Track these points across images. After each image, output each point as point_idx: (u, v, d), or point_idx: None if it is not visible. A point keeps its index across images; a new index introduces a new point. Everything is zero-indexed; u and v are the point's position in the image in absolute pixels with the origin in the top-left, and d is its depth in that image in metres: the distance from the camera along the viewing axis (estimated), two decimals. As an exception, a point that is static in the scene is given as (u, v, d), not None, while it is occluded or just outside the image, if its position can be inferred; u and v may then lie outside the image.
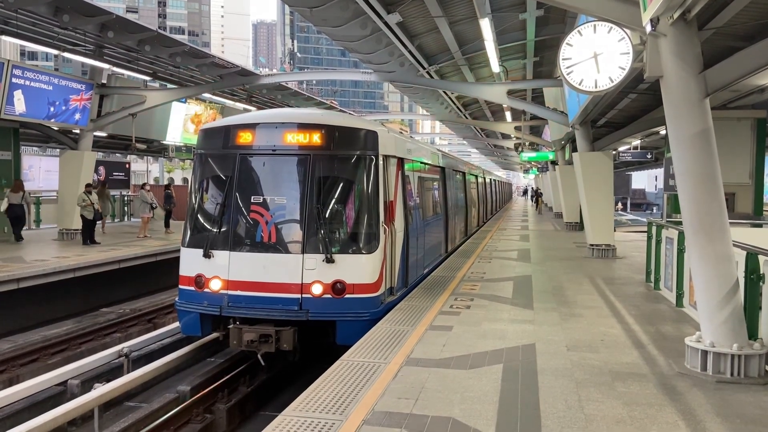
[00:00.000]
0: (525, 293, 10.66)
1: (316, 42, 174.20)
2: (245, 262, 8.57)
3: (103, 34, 15.40)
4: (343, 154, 8.91)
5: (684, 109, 6.18)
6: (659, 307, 9.70)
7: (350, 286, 8.41)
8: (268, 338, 8.20)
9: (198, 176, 9.30)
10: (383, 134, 9.36)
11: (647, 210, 76.53)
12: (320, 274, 8.39)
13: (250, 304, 8.46)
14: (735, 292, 6.20)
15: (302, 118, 9.31)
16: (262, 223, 8.62)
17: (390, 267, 9.27)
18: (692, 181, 6.23)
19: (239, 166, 8.85)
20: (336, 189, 8.91)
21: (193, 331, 8.99)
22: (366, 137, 9.02)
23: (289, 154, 8.86)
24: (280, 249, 8.60)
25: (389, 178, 9.45)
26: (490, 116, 32.40)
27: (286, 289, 8.40)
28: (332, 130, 8.85)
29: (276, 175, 8.94)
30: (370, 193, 8.86)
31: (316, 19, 13.49)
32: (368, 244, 8.73)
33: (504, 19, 14.64)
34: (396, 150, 10.08)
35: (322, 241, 8.47)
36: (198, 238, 8.93)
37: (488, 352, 6.98)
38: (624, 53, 6.56)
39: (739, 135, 13.47)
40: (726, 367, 6.15)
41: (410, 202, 10.98)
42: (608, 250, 16.16)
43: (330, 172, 8.86)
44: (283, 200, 8.74)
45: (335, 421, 4.96)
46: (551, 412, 5.19)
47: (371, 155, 8.92)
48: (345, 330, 8.31)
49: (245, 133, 8.96)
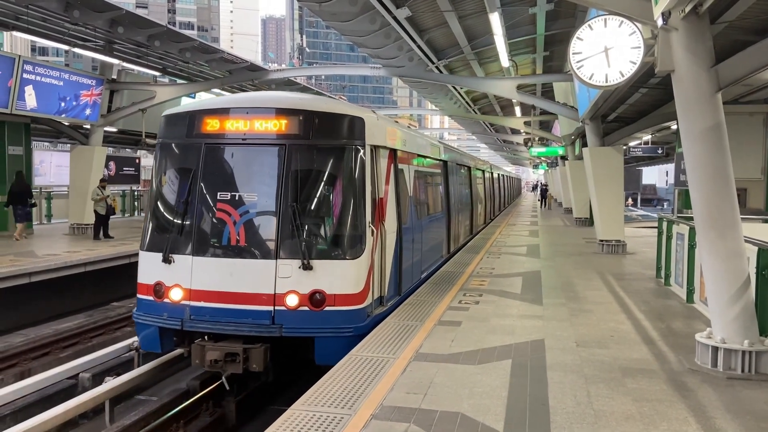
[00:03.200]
0: (534, 289, 10.64)
1: (325, 37, 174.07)
2: (210, 268, 7.49)
3: (113, 29, 15.46)
4: (323, 144, 7.78)
5: (695, 104, 6.13)
6: (669, 303, 9.65)
7: (331, 297, 7.31)
8: (235, 357, 7.15)
9: (159, 169, 8.23)
10: (371, 121, 8.25)
11: (658, 205, 76.03)
12: (296, 283, 7.28)
13: (215, 317, 7.36)
14: (746, 288, 6.16)
15: (277, 102, 8.10)
16: (229, 223, 7.51)
17: (379, 274, 8.29)
18: (704, 177, 6.19)
19: (204, 158, 7.76)
20: (315, 184, 7.77)
21: (152, 346, 7.95)
22: (351, 125, 7.89)
23: (261, 144, 7.76)
24: (249, 254, 7.47)
25: (379, 172, 8.46)
26: (500, 111, 32.29)
27: (257, 300, 7.30)
28: (311, 116, 7.74)
29: (246, 168, 7.79)
30: (355, 189, 7.74)
31: (325, 14, 13.46)
32: (352, 248, 7.62)
33: (514, 13, 14.56)
34: (387, 140, 9.02)
35: (298, 244, 7.38)
36: (157, 241, 7.85)
37: (497, 347, 6.97)
38: (635, 47, 6.52)
39: (752, 130, 13.36)
40: (737, 364, 6.12)
41: (405, 200, 9.93)
42: (618, 246, 16.09)
43: (309, 164, 7.76)
44: (253, 197, 7.60)
45: (344, 415, 4.98)
46: (560, 408, 5.18)
47: (357, 145, 7.82)
48: (324, 348, 7.28)
49: (212, 120, 7.84)
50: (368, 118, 8.14)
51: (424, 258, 11.52)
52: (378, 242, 8.21)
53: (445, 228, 14.51)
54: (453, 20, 14.46)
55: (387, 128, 9.19)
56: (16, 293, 12.63)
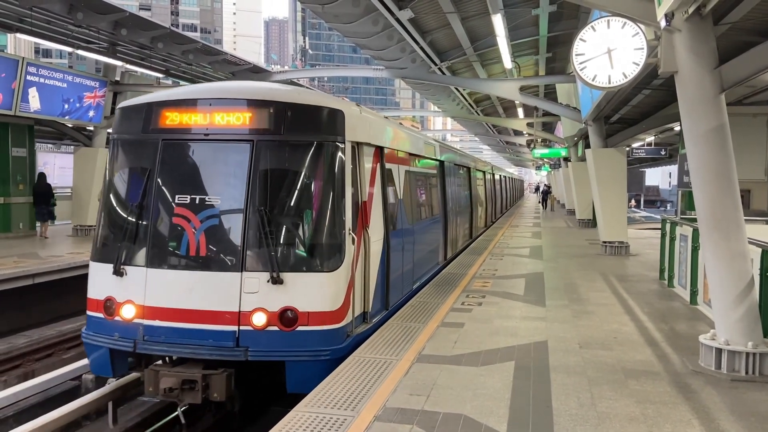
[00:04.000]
0: (537, 290, 10.62)
1: (327, 39, 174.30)
2: (166, 282, 6.60)
3: (116, 31, 15.51)
4: (297, 140, 6.85)
5: (699, 105, 6.13)
6: (673, 305, 9.63)
7: (304, 315, 6.47)
8: (194, 385, 6.31)
9: (112, 169, 7.33)
10: (352, 115, 7.39)
11: (661, 207, 75.98)
12: (264, 300, 6.43)
13: (172, 338, 6.50)
14: (750, 289, 6.14)
15: (244, 92, 7.21)
16: (188, 230, 6.61)
17: (362, 287, 7.46)
18: (707, 178, 6.18)
19: (161, 156, 6.88)
20: (287, 186, 6.85)
21: (103, 370, 7.05)
22: (328, 118, 7.00)
23: (225, 140, 6.87)
24: (211, 265, 6.58)
25: (362, 173, 7.62)
26: (502, 113, 32.28)
27: (219, 319, 6.43)
28: (283, 109, 6.84)
29: (208, 168, 6.90)
30: (333, 191, 6.86)
31: (328, 15, 13.49)
32: (329, 258, 6.75)
33: (516, 14, 14.56)
34: (372, 136, 8.11)
35: (267, 255, 6.49)
36: (108, 250, 6.95)
37: (500, 349, 6.96)
38: (638, 49, 6.52)
39: (755, 131, 13.34)
40: (740, 365, 6.10)
41: (393, 203, 9.11)
42: (621, 247, 16.07)
43: (280, 163, 6.86)
44: (216, 201, 6.68)
45: (347, 417, 4.97)
46: (563, 410, 5.17)
47: (335, 142, 6.93)
48: (297, 373, 6.45)
49: (170, 113, 6.95)
50: (349, 111, 7.28)
51: (417, 266, 10.69)
52: (360, 251, 7.42)
53: (441, 233, 13.68)
54: (456, 22, 14.47)
55: (372, 123, 8.29)
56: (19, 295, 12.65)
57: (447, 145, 16.44)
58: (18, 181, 18.22)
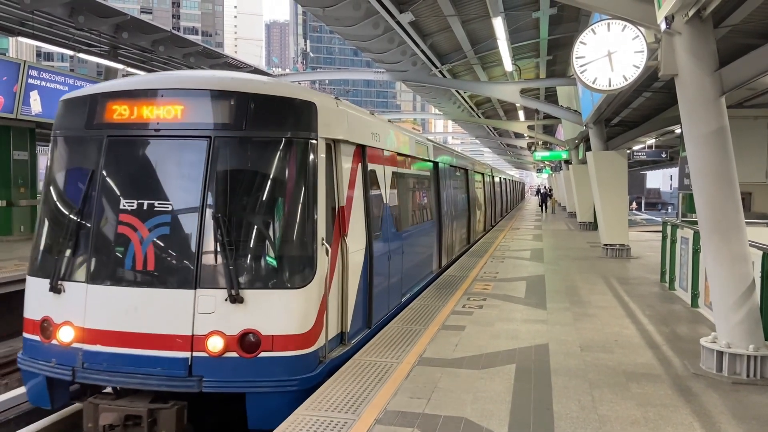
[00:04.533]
0: (538, 293, 10.62)
1: (328, 42, 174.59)
2: (109, 300, 5.75)
3: (117, 34, 15.56)
4: (261, 137, 6.00)
5: (699, 108, 6.13)
6: (674, 308, 9.62)
7: (268, 339, 5.62)
8: (139, 421, 5.48)
9: (51, 170, 6.45)
10: (327, 108, 6.50)
11: (662, 209, 75.95)
12: (222, 321, 5.61)
13: (116, 366, 5.62)
14: (751, 292, 6.14)
15: (200, 81, 6.34)
16: (134, 241, 5.77)
17: (338, 304, 6.62)
18: (708, 181, 6.17)
19: (106, 155, 6.03)
20: (250, 190, 6.03)
21: (41, 401, 6.12)
22: (298, 111, 6.12)
23: (179, 137, 5.99)
24: (160, 281, 5.74)
25: (339, 174, 6.81)
26: (503, 115, 32.34)
27: (169, 343, 5.60)
28: (245, 100, 5.99)
29: (159, 169, 6.04)
30: (303, 195, 6.01)
31: (329, 18, 13.52)
32: (298, 273, 5.90)
33: (517, 17, 14.60)
34: (352, 133, 7.23)
35: (225, 269, 5.65)
36: (46, 264, 6.12)
37: (501, 352, 6.96)
38: (638, 51, 6.52)
39: (756, 133, 13.34)
40: (742, 368, 6.09)
41: (378, 208, 8.28)
42: (622, 250, 16.07)
43: (241, 163, 6.05)
44: (167, 206, 5.84)
45: (347, 420, 4.97)
46: (564, 413, 5.17)
47: (306, 138, 6.07)
48: (259, 407, 5.60)
49: (117, 106, 6.07)
50: (322, 103, 6.38)
51: (407, 277, 9.80)
52: (337, 263, 6.59)
53: (435, 239, 12.86)
54: (456, 25, 14.50)
55: (352, 119, 7.37)
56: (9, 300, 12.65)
57: (442, 146, 15.41)
58: (19, 184, 18.25)
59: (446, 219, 13.91)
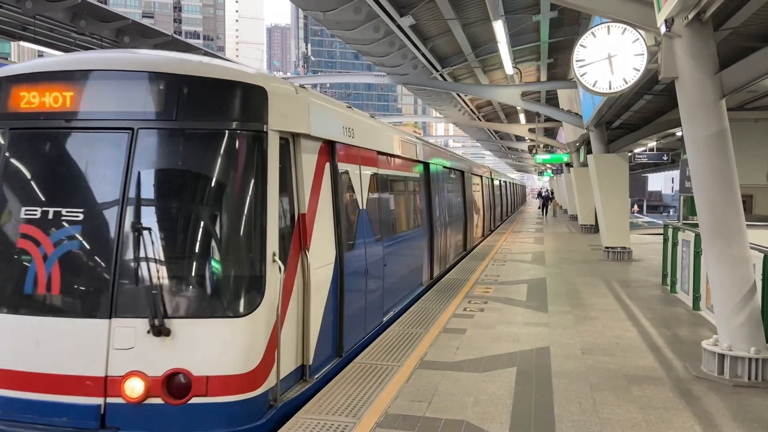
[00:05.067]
0: (539, 296, 10.62)
1: (329, 45, 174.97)
2: (3, 332, 4.69)
3: (119, 39, 15.62)
4: (195, 129, 4.87)
5: (700, 111, 6.13)
6: (675, 310, 9.61)
7: (201, 381, 4.55)
8: None
9: None
10: (282, 95, 5.36)
11: (664, 212, 75.91)
12: (143, 359, 4.53)
13: (11, 413, 4.59)
14: (752, 294, 6.14)
15: (121, 61, 5.11)
16: (36, 258, 4.71)
17: (297, 332, 5.56)
18: (708, 183, 6.18)
19: (7, 153, 4.99)
20: (180, 194, 4.92)
21: None
22: (244, 98, 5.00)
23: (94, 128, 4.89)
24: (66, 309, 4.67)
25: (299, 175, 5.69)
26: (504, 118, 32.36)
27: (77, 386, 4.53)
28: (176, 84, 4.88)
29: (69, 169, 4.91)
30: (248, 201, 4.89)
31: (330, 22, 13.55)
32: (241, 297, 4.80)
33: (517, 21, 14.62)
34: (318, 126, 6.01)
35: (147, 293, 4.58)
36: None
37: (502, 355, 6.96)
38: (638, 54, 6.54)
39: (757, 136, 13.36)
40: (743, 371, 6.09)
41: (352, 215, 7.18)
42: (624, 253, 16.06)
43: (170, 161, 4.96)
44: (77, 216, 4.75)
45: (348, 423, 4.97)
46: (565, 416, 5.16)
47: (254, 132, 4.97)
48: None
49: (22, 92, 4.97)
50: (275, 88, 5.24)
51: (390, 293, 8.64)
52: (296, 282, 5.50)
53: (425, 248, 11.70)
54: (457, 28, 14.52)
55: (318, 110, 6.11)
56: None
57: (434, 146, 14.04)
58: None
59: (438, 225, 12.82)
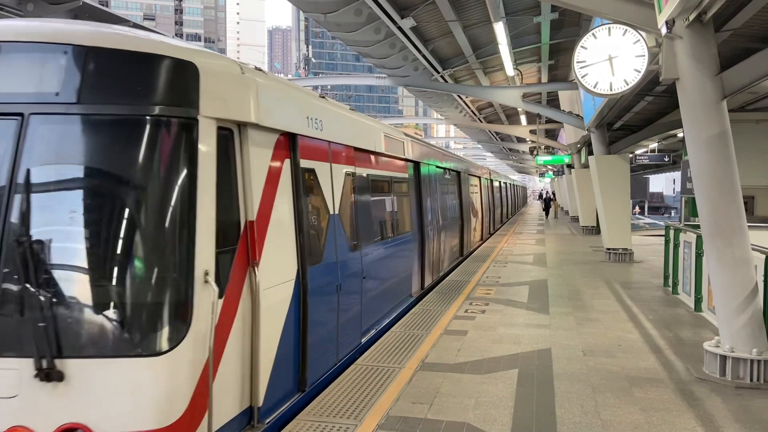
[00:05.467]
0: (541, 297, 10.60)
1: (330, 47, 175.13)
2: None
3: (120, 41, 15.63)
4: (103, 115, 3.82)
5: (701, 112, 6.13)
6: (677, 312, 9.60)
7: None
8: None
9: None
10: (219, 73, 4.27)
11: (665, 213, 75.85)
12: (29, 411, 3.57)
13: None
14: (754, 296, 6.12)
15: (9, 31, 3.97)
16: None
17: (243, 368, 4.50)
18: (710, 184, 6.17)
19: None
20: (80, 199, 3.83)
21: None
22: (168, 77, 3.91)
23: None
24: None
25: (248, 174, 4.60)
26: (505, 120, 32.37)
27: None
28: (81, 58, 3.83)
29: None
30: (172, 207, 3.84)
31: (331, 24, 13.56)
32: (159, 329, 3.73)
33: (518, 22, 14.63)
34: (270, 115, 4.90)
35: (32, 325, 3.58)
36: None
37: (503, 356, 6.95)
38: (639, 56, 6.54)
39: (758, 137, 13.36)
40: (745, 373, 6.08)
41: (320, 222, 6.12)
42: (625, 254, 16.05)
43: (70, 154, 3.85)
44: None
45: (349, 425, 4.96)
46: (567, 418, 5.15)
47: (179, 118, 3.93)
48: None
49: None
50: (210, 65, 4.13)
51: (369, 310, 7.64)
52: (240, 306, 4.43)
53: (415, 255, 10.62)
54: (458, 30, 14.53)
55: (271, 94, 4.96)
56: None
57: (426, 143, 12.81)
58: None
59: (430, 230, 11.81)
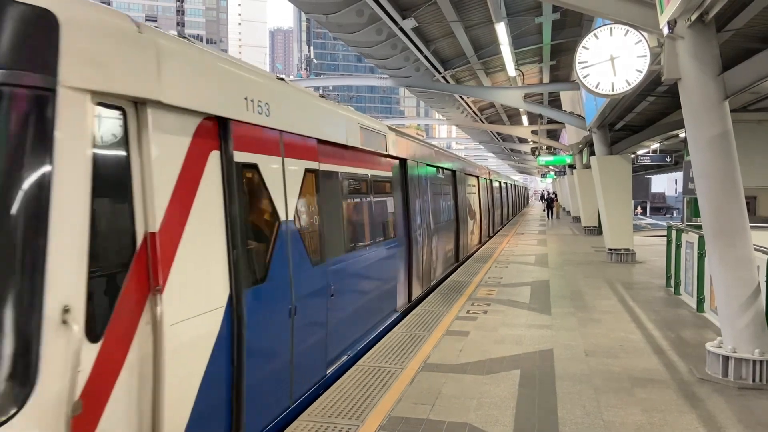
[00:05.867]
0: (542, 298, 10.59)
1: (332, 48, 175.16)
2: None
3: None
4: None
5: (703, 112, 6.12)
6: (679, 312, 9.58)
7: None
8: None
9: None
10: (92, 27, 3.14)
11: (667, 214, 75.74)
12: None
13: None
14: (756, 296, 6.11)
15: None
16: None
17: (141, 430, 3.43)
18: (712, 185, 6.16)
19: None
20: None
21: None
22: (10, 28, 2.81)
23: None
24: None
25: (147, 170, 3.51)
26: (507, 120, 32.34)
27: None
28: None
29: None
30: (14, 215, 2.74)
31: (332, 25, 13.56)
32: None
33: (520, 23, 14.61)
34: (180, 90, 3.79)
35: None
36: None
37: (505, 357, 6.94)
38: (641, 56, 6.53)
39: (760, 137, 13.33)
40: (748, 373, 6.07)
41: (266, 231, 5.06)
42: (627, 255, 16.03)
43: None
44: None
45: (351, 426, 4.96)
46: (569, 419, 5.15)
47: (27, 88, 2.84)
48: None
49: None
50: (80, 15, 3.10)
51: (339, 335, 6.64)
52: (133, 349, 3.37)
53: (401, 264, 9.68)
54: (459, 30, 14.53)
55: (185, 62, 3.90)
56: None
57: (416, 139, 11.60)
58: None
59: (420, 235, 10.82)
